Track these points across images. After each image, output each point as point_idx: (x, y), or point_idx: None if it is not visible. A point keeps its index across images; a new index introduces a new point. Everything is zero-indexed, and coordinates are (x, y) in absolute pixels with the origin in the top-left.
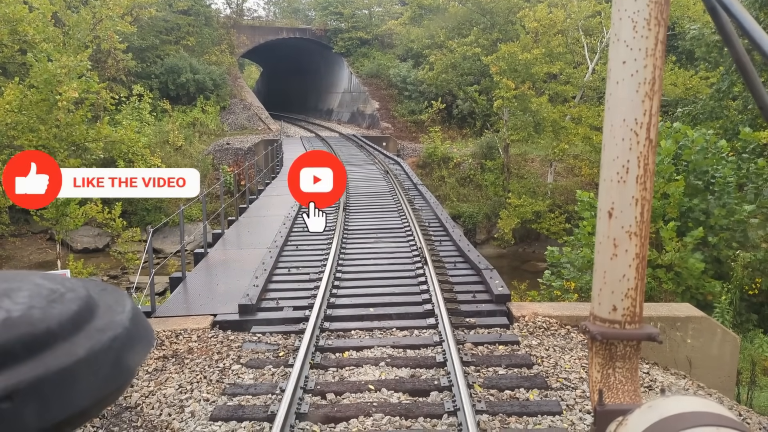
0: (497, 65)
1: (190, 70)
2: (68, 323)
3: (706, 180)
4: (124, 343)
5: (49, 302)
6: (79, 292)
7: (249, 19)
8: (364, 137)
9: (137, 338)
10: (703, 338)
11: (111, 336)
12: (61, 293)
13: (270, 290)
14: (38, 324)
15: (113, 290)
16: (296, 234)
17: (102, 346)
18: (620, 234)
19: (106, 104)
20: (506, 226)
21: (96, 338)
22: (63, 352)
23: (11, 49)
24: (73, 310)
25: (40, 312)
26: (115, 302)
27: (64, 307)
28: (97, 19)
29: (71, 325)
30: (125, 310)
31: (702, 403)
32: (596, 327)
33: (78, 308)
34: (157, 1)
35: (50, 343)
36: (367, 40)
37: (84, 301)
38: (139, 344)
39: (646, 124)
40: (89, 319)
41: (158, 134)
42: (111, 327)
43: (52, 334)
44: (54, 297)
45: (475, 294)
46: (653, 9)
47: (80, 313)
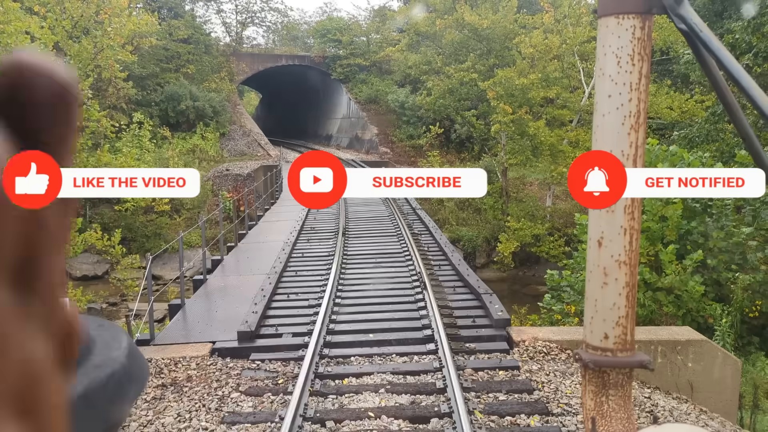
0: (494, 90)
1: (190, 97)
2: None
3: (703, 203)
4: (121, 379)
5: None
6: None
7: (248, 47)
8: (363, 162)
9: (134, 374)
10: (705, 362)
11: (108, 372)
12: None
13: (269, 317)
14: None
15: (110, 326)
16: (295, 259)
17: (99, 382)
18: (610, 263)
19: (106, 132)
20: (506, 249)
21: (93, 375)
22: None
23: None
24: None
25: None
26: (112, 339)
27: None
28: (98, 49)
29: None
30: (122, 346)
31: (693, 431)
32: (588, 355)
33: None
34: (157, 31)
35: None
36: (365, 66)
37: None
38: (136, 380)
39: (632, 156)
40: (86, 356)
41: (158, 161)
42: (108, 363)
43: None
44: None
45: (474, 319)
46: (636, 45)
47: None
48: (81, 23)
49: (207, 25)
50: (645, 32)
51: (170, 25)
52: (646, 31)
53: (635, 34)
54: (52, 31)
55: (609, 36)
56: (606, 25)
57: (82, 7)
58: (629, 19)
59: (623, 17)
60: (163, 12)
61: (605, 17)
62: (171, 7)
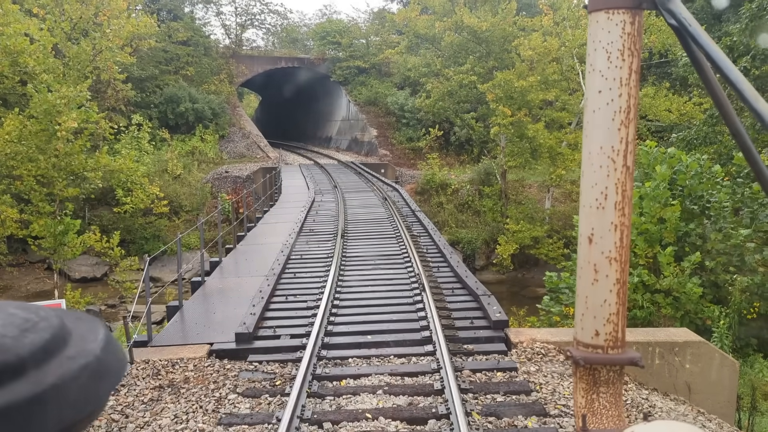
0: (493, 93)
1: (189, 99)
2: (39, 351)
3: (701, 205)
4: (94, 371)
5: (22, 331)
6: (52, 321)
7: (248, 49)
8: (362, 164)
9: (109, 367)
10: (702, 363)
11: (82, 364)
12: (35, 322)
13: (267, 318)
14: (9, 353)
15: (88, 319)
16: (294, 261)
17: (72, 373)
18: (601, 259)
19: (105, 134)
20: (505, 251)
21: (66, 366)
22: (33, 380)
23: (12, 80)
24: (45, 338)
25: (11, 341)
26: (89, 331)
27: (36, 335)
28: (97, 51)
29: (43, 353)
30: (98, 338)
31: (684, 428)
32: (579, 352)
33: (50, 336)
34: (156, 33)
35: (21, 370)
36: (364, 68)
37: (57, 330)
38: (111, 372)
39: (622, 152)
40: (61, 347)
41: (157, 163)
42: (82, 355)
43: (22, 361)
44: (27, 326)
45: (473, 320)
46: (626, 40)
47: (52, 341)
48: (80, 25)
49: (206, 27)
50: (635, 27)
51: (169, 27)
52: (636, 26)
53: (625, 29)
54: (51, 33)
55: (599, 31)
56: (596, 20)
57: (81, 9)
58: (619, 14)
59: (613, 12)
60: (162, 14)
61: (595, 12)
62: (170, 9)
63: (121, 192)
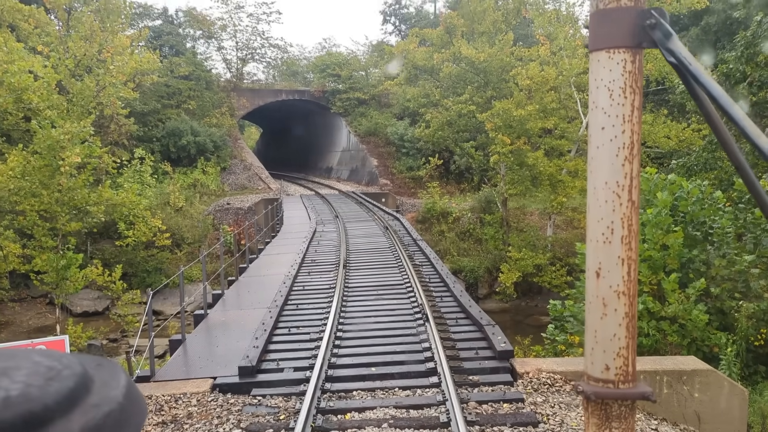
0: (492, 122)
1: (191, 132)
2: (65, 400)
3: (704, 231)
4: (117, 419)
5: (47, 380)
6: (74, 368)
7: (249, 83)
8: (363, 194)
9: (131, 414)
10: (711, 392)
11: (106, 411)
12: (58, 370)
13: (270, 351)
14: (36, 402)
15: (108, 365)
16: (296, 293)
17: (96, 422)
18: (609, 293)
19: (107, 168)
20: (507, 280)
21: (91, 414)
22: (60, 429)
23: (16, 116)
24: (69, 387)
25: (37, 390)
26: (110, 378)
27: (60, 384)
28: (100, 87)
29: (67, 401)
30: (119, 385)
31: None
32: (590, 387)
33: (74, 385)
34: (159, 68)
35: (48, 420)
36: (364, 100)
37: (80, 378)
38: (133, 420)
39: (627, 187)
40: (85, 395)
41: (159, 196)
42: (105, 402)
43: (49, 411)
44: (51, 374)
45: (477, 351)
46: (628, 78)
47: (76, 389)
48: (84, 62)
49: (208, 61)
50: (636, 66)
51: (171, 62)
52: (636, 64)
53: (626, 68)
54: (55, 70)
55: (600, 70)
56: (597, 60)
57: (85, 46)
58: (620, 53)
59: (614, 51)
60: (164, 50)
61: (596, 52)
62: (172, 44)
63: (123, 225)
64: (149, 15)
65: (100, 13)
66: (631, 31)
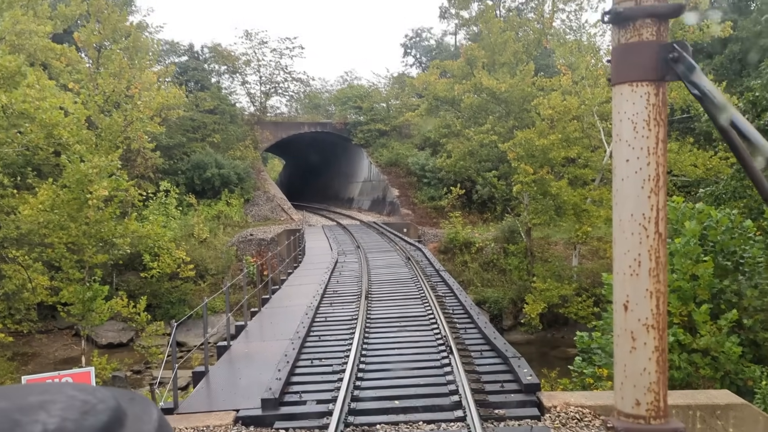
0: (514, 151)
1: (216, 165)
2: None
3: (735, 260)
4: None
5: (82, 414)
6: (109, 402)
7: (272, 116)
8: (384, 224)
9: None
10: (746, 427)
11: None
12: (93, 404)
13: (293, 383)
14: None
15: (141, 399)
16: (319, 324)
17: None
18: (637, 327)
19: (134, 201)
20: (533, 311)
21: None
22: None
23: (46, 151)
24: (103, 421)
25: (73, 424)
26: (143, 412)
27: (95, 418)
28: (128, 121)
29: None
30: (152, 419)
31: None
32: (621, 422)
33: (108, 419)
34: (185, 103)
35: None
36: (385, 131)
37: (114, 412)
38: None
39: (654, 219)
40: (119, 429)
41: (184, 227)
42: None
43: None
44: (86, 408)
45: (503, 384)
46: (651, 111)
47: (110, 423)
48: (112, 98)
49: (232, 95)
50: (659, 98)
51: (197, 97)
52: (660, 97)
53: (650, 101)
54: (85, 106)
55: (624, 103)
56: (620, 93)
57: (114, 82)
58: (643, 86)
59: (637, 85)
60: (190, 84)
61: (619, 85)
62: (198, 79)
63: (149, 257)
64: (176, 51)
65: (129, 50)
66: (653, 65)
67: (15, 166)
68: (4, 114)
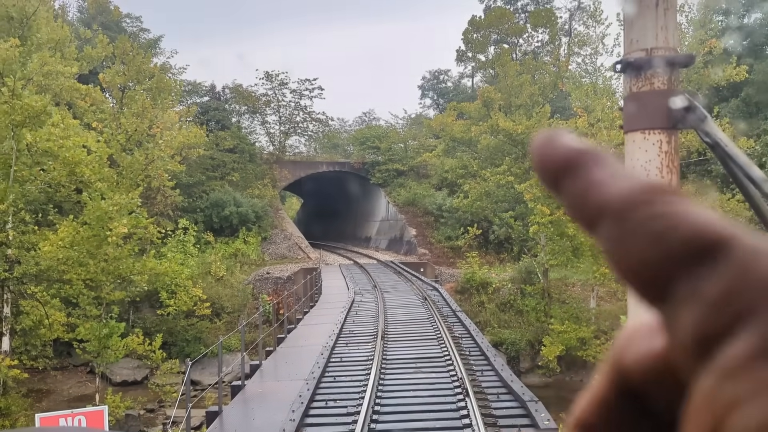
0: (531, 192)
1: (234, 203)
2: None
3: None
4: None
5: None
6: None
7: (291, 155)
8: (401, 263)
9: None
10: None
11: None
12: None
13: (307, 425)
14: None
15: None
16: (334, 364)
17: None
18: None
19: (152, 238)
20: (550, 353)
21: None
22: None
23: (68, 188)
24: None
25: None
26: None
27: None
28: (149, 160)
29: None
30: None
31: None
32: None
33: None
34: (205, 141)
35: None
36: (403, 171)
37: None
38: None
39: None
40: None
41: (201, 265)
42: None
43: None
44: None
45: (520, 428)
46: (664, 158)
47: None
48: (135, 137)
49: (252, 135)
50: (671, 146)
51: (217, 136)
52: (672, 144)
53: (662, 149)
54: (108, 145)
55: (636, 150)
56: (632, 140)
57: (137, 122)
58: (655, 134)
59: (649, 133)
60: (211, 124)
61: (631, 132)
62: (219, 119)
63: (165, 294)
64: (197, 92)
65: (152, 91)
66: (665, 114)
67: (37, 203)
68: (28, 152)
